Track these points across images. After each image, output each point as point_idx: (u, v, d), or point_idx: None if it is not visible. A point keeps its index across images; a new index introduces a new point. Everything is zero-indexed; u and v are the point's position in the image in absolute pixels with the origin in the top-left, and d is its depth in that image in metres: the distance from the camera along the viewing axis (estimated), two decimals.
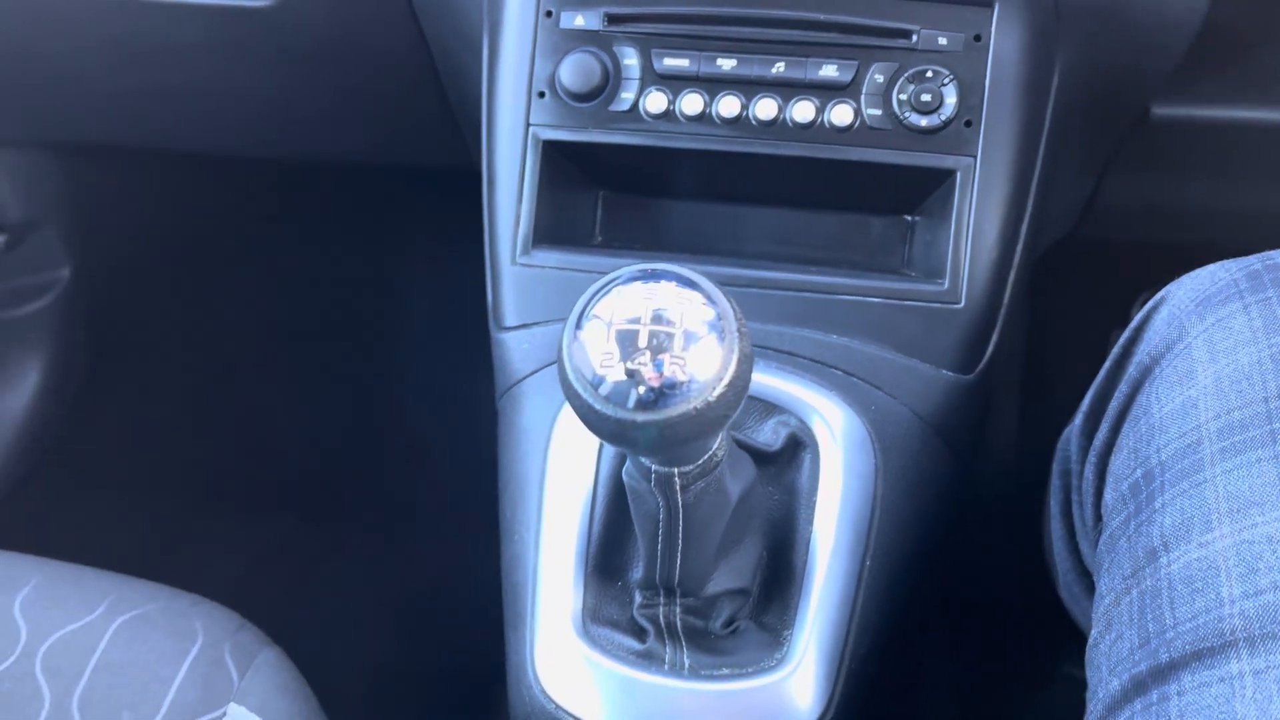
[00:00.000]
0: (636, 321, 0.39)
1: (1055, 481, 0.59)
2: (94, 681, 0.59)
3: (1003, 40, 0.62)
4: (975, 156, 0.63)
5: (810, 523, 0.59)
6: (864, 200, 0.69)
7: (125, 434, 1.34)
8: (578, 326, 0.41)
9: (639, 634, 0.57)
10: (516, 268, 0.67)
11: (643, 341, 0.39)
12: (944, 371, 0.64)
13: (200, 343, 1.38)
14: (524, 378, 0.67)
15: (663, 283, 0.41)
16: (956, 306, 0.63)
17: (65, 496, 1.25)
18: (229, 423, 1.36)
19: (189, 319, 1.39)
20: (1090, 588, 0.54)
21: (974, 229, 0.63)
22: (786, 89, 0.64)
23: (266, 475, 1.30)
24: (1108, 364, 0.53)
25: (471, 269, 0.76)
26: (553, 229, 0.70)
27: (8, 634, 0.61)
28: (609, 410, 0.39)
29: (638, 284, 0.41)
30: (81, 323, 1.36)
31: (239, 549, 1.15)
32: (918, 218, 0.69)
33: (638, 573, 0.56)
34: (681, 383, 0.39)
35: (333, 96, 1.04)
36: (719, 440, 0.47)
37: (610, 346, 0.39)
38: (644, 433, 0.39)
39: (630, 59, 0.65)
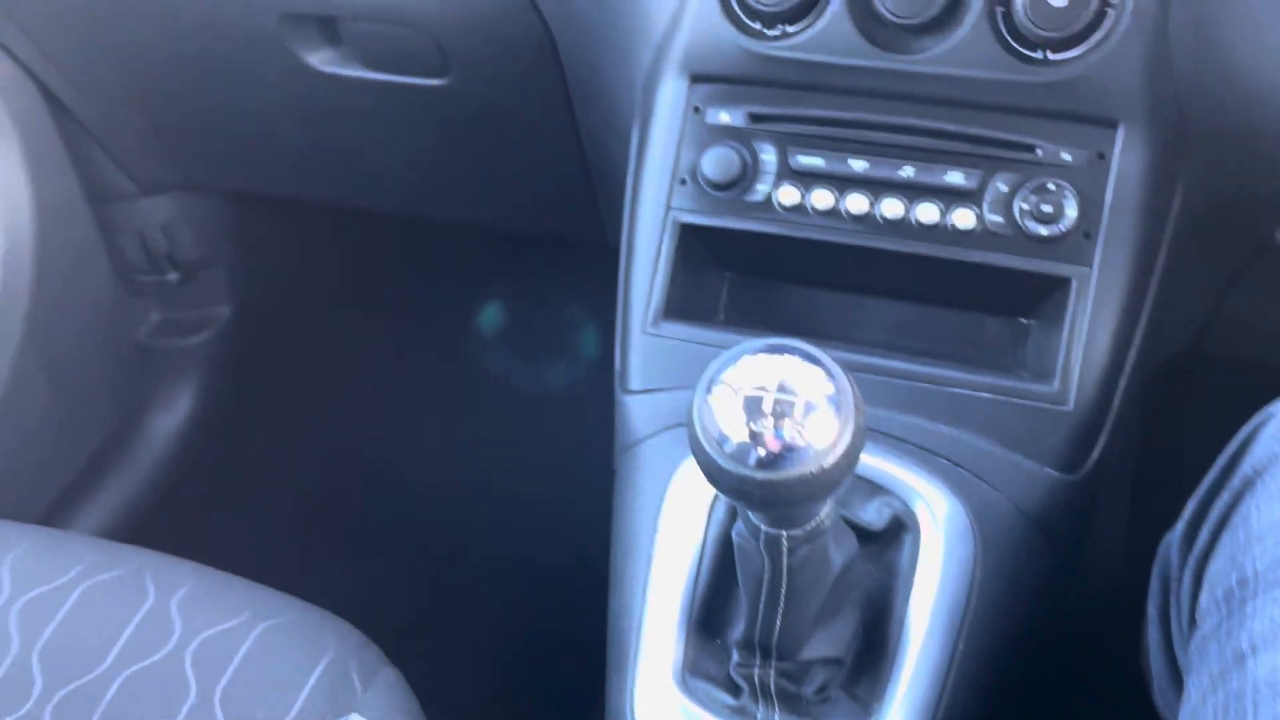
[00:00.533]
0: (762, 389, 0.44)
1: (1155, 585, 0.60)
2: (235, 680, 0.65)
3: (1126, 159, 0.65)
4: (1092, 267, 0.65)
5: (907, 602, 0.61)
6: (980, 300, 0.73)
7: (266, 461, 1.44)
8: (708, 390, 0.46)
9: (734, 691, 0.60)
10: (646, 337, 0.73)
11: (766, 408, 0.43)
12: (1049, 470, 0.66)
13: (338, 384, 1.48)
14: (644, 439, 0.71)
15: (787, 356, 0.46)
16: (1065, 409, 0.65)
17: (206, 512, 1.35)
18: (359, 460, 1.45)
19: (329, 361, 1.49)
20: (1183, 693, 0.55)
21: (1087, 336, 0.65)
22: (913, 190, 0.68)
23: (389, 510, 1.38)
24: (1213, 474, 0.54)
25: (591, 334, 0.82)
26: (681, 303, 0.75)
27: (163, 628, 0.68)
28: (731, 467, 0.44)
29: (765, 355, 0.45)
30: (235, 358, 1.47)
31: (360, 574, 1.21)
32: (1032, 320, 0.71)
33: (738, 631, 0.59)
34: (799, 448, 0.43)
35: (485, 165, 1.13)
36: (826, 508, 0.50)
37: (737, 410, 0.44)
38: (760, 490, 0.43)
39: (768, 154, 0.71)
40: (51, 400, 1.24)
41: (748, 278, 0.80)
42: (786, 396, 0.43)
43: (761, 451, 0.43)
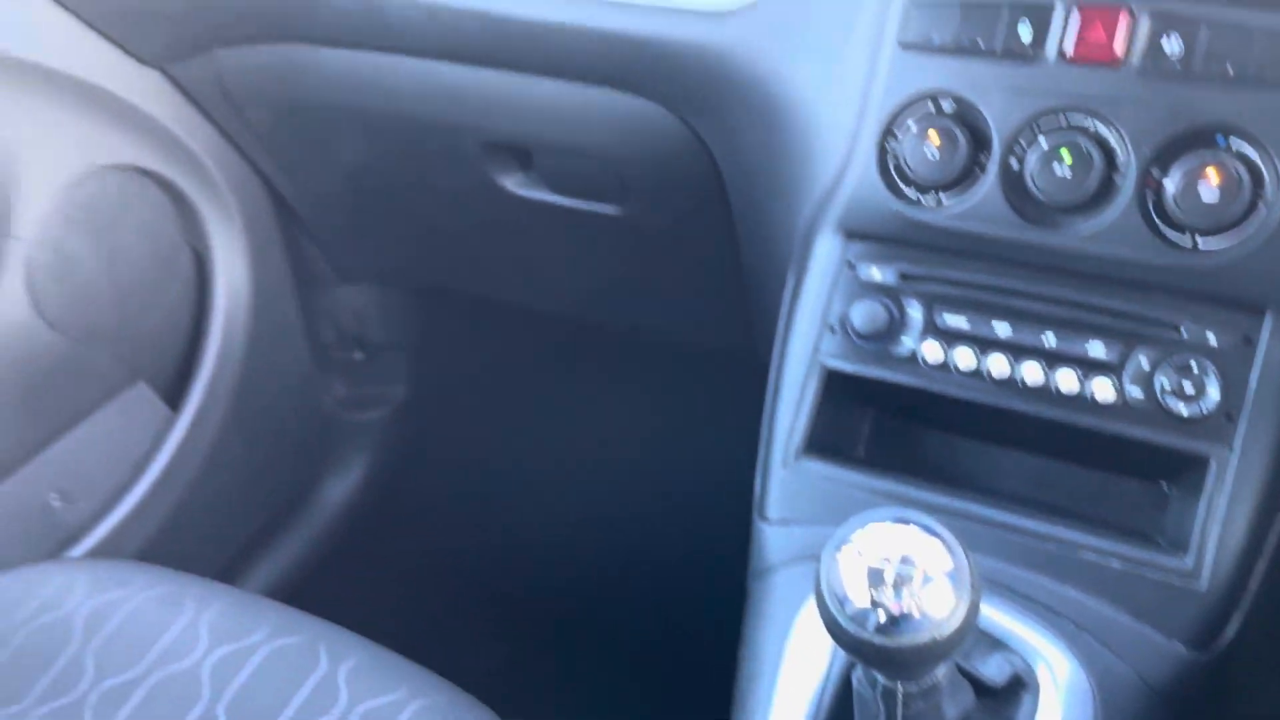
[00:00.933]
0: (886, 558, 0.48)
1: None
2: None
3: (1273, 346, 0.66)
4: (1233, 449, 0.66)
5: None
6: (1118, 464, 0.74)
7: (425, 534, 1.54)
8: (836, 550, 0.50)
9: None
10: (786, 470, 0.77)
11: (888, 576, 0.48)
12: (1178, 645, 0.66)
13: (497, 468, 1.57)
14: (777, 568, 0.76)
15: (911, 527, 0.50)
16: (1198, 585, 0.66)
17: (367, 577, 1.46)
18: (513, 542, 1.54)
19: (491, 446, 1.59)
20: None
21: (1225, 515, 0.66)
22: (1053, 358, 0.71)
23: (539, 593, 1.46)
24: None
25: (736, 456, 0.88)
26: (822, 440, 0.79)
27: (331, 695, 0.76)
28: (850, 627, 0.48)
29: (891, 525, 0.50)
30: (405, 435, 1.59)
31: (506, 654, 1.30)
32: (1171, 487, 0.72)
33: None
34: (915, 618, 0.47)
35: (650, 280, 1.22)
36: (943, 667, 0.54)
37: (860, 574, 0.48)
38: (876, 652, 0.47)
39: (915, 311, 0.75)
40: (245, 461, 1.38)
41: (889, 418, 0.84)
42: (907, 567, 0.47)
43: (880, 617, 0.47)
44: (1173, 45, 0.67)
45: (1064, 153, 0.69)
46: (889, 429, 0.85)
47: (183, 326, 1.29)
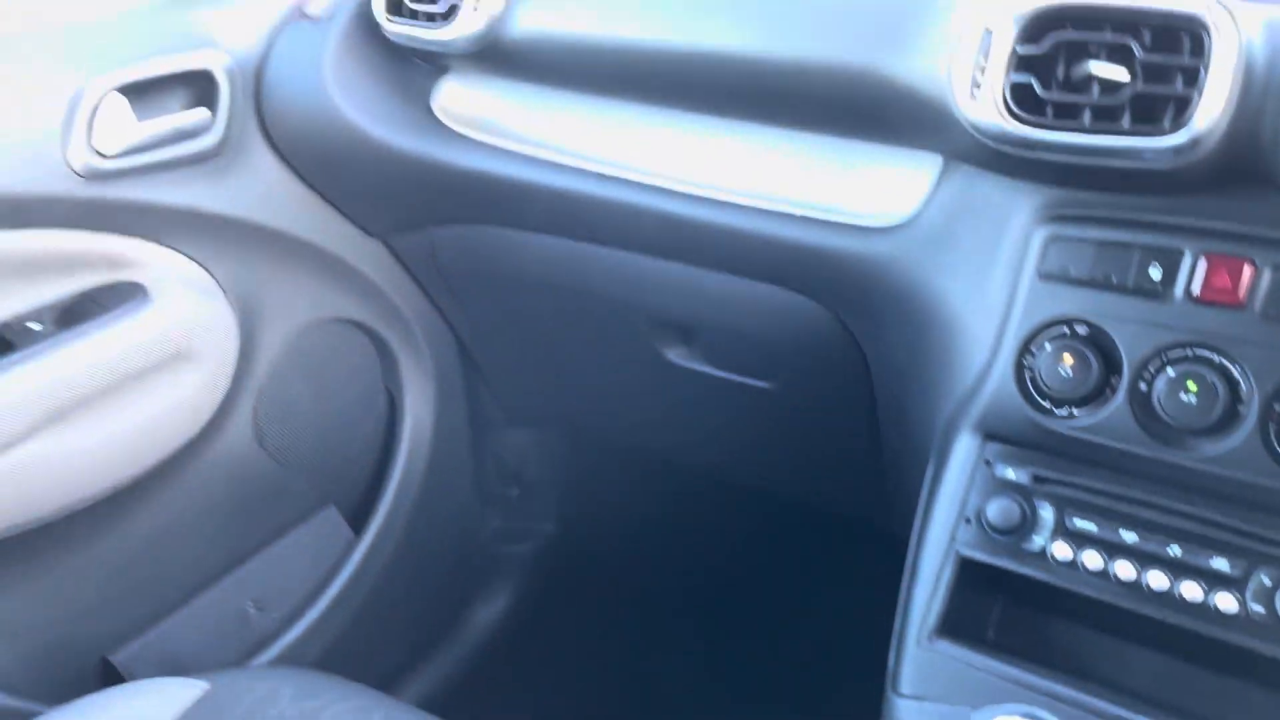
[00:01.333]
0: None
1: None
2: None
3: None
4: None
5: None
6: (1241, 673, 0.78)
7: (563, 666, 1.64)
8: None
9: None
10: (920, 649, 0.84)
11: None
12: None
13: (629, 606, 1.66)
14: None
15: None
16: None
17: (508, 691, 1.56)
18: (633, 671, 1.61)
19: (632, 588, 1.68)
20: None
21: None
22: (1178, 568, 0.77)
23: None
24: None
25: (863, 623, 0.94)
26: (956, 622, 0.86)
27: None
28: None
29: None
30: (550, 569, 1.71)
31: None
32: None
33: None
34: None
35: (794, 450, 1.31)
36: None
37: None
38: None
39: (1046, 512, 0.82)
40: (411, 582, 1.52)
41: (1018, 606, 0.90)
42: None
43: None
44: None
45: (1190, 383, 0.76)
46: (1018, 616, 0.91)
47: (372, 458, 1.46)
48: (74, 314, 1.10)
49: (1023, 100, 0.77)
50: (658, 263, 1.14)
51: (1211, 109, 0.71)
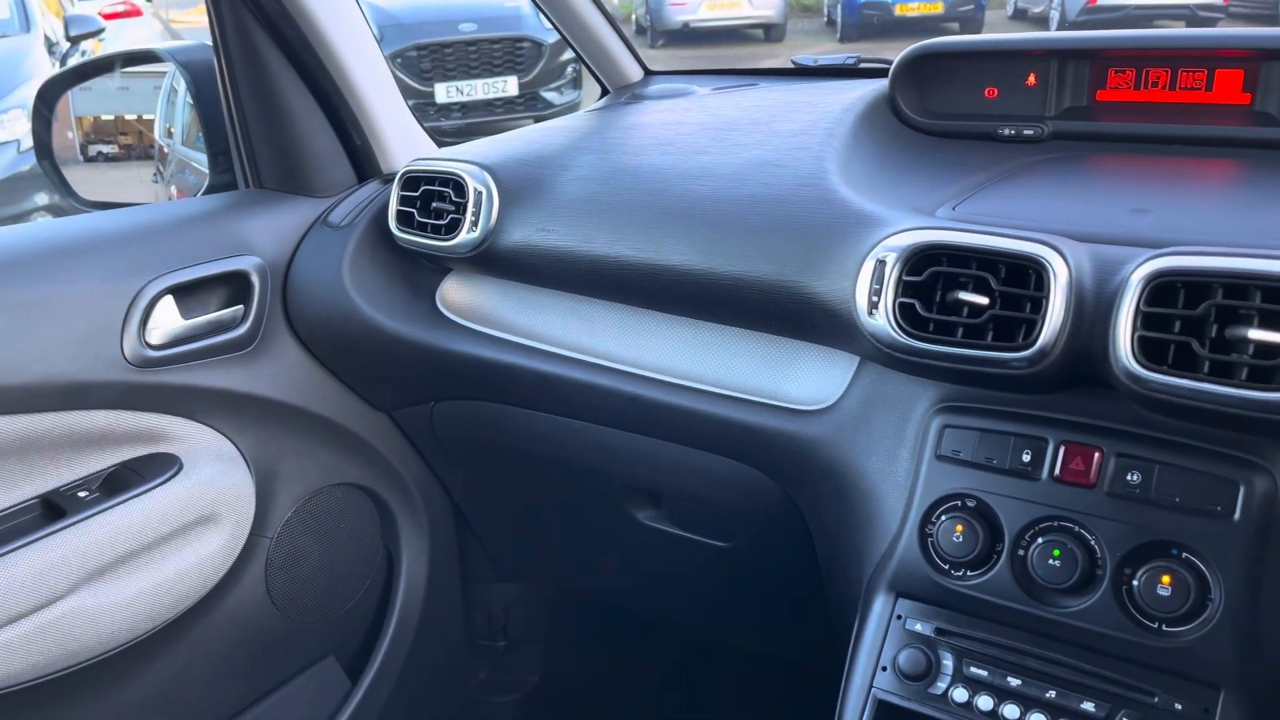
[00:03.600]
0: None
1: None
2: None
3: (1227, 716, 0.84)
4: None
5: None
6: None
7: None
8: None
9: None
10: None
11: None
12: None
13: None
14: None
15: None
16: None
17: None
18: None
19: None
20: None
21: None
22: (1055, 709, 0.90)
23: None
24: None
25: None
26: None
27: None
28: None
29: None
30: (534, 718, 1.80)
31: None
32: None
33: None
34: None
35: (752, 603, 1.44)
36: None
37: None
38: None
39: (947, 660, 0.96)
40: None
41: None
42: None
43: None
44: (1134, 477, 0.90)
45: (1055, 550, 0.91)
46: None
47: (369, 611, 1.58)
48: (115, 480, 1.26)
49: (910, 318, 0.96)
50: (628, 436, 1.31)
51: (1051, 329, 0.89)
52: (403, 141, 1.51)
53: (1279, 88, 1.15)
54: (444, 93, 6.92)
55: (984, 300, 0.92)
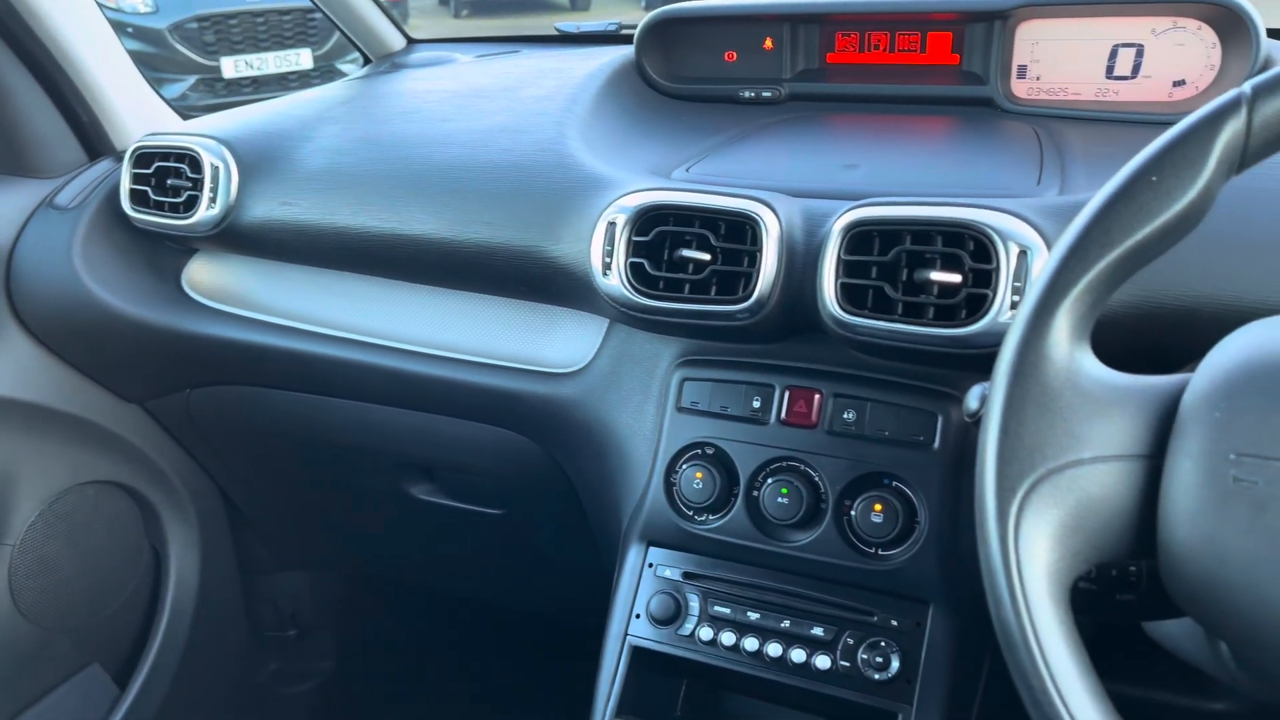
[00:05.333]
0: None
1: None
2: None
3: (935, 629, 0.92)
4: (912, 705, 0.90)
5: None
6: (837, 713, 0.98)
7: None
8: None
9: None
10: None
11: None
12: None
13: None
14: None
15: None
16: None
17: None
18: None
19: (410, 714, 1.77)
20: None
21: None
22: (789, 638, 0.96)
23: None
24: None
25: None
26: (640, 702, 1.02)
27: None
28: None
29: None
30: (332, 705, 1.77)
31: None
32: None
33: None
34: None
35: (529, 567, 1.46)
36: None
37: None
38: None
39: (694, 602, 1.00)
40: None
41: (698, 685, 1.07)
42: None
43: None
44: (849, 415, 0.97)
45: (784, 489, 0.97)
46: (698, 694, 1.08)
47: (137, 613, 1.51)
48: None
49: (641, 277, 0.99)
50: (394, 411, 1.29)
51: (766, 280, 0.93)
52: (138, 117, 1.43)
53: (983, 48, 1.25)
54: (232, 67, 6.55)
55: (706, 256, 0.96)
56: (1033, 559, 0.56)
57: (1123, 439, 0.57)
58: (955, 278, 0.86)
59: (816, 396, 0.98)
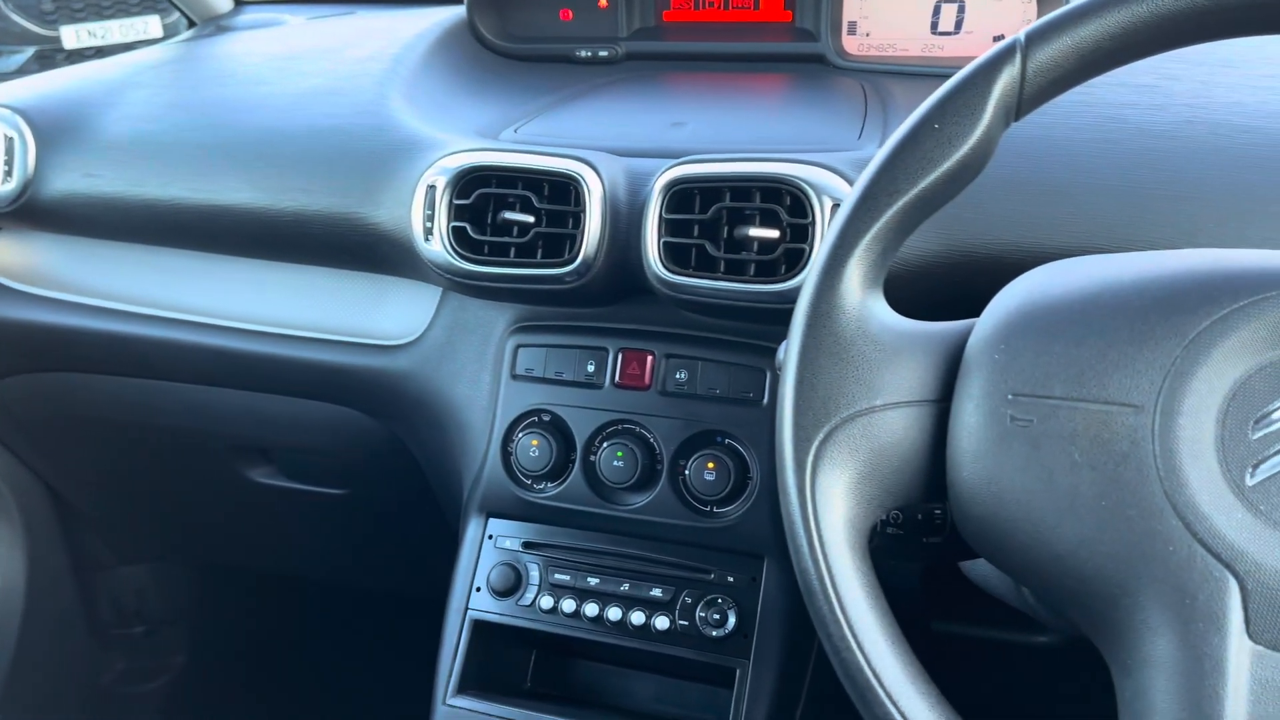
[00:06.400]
0: None
1: None
2: None
3: (770, 583, 0.93)
4: (750, 660, 0.91)
5: None
6: (690, 675, 0.98)
7: None
8: None
9: None
10: (445, 707, 0.97)
11: None
12: None
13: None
14: None
15: None
16: None
17: None
18: None
19: (267, 705, 1.71)
20: None
21: (749, 711, 0.90)
22: (629, 601, 0.95)
23: None
24: None
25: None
26: (484, 677, 1.00)
27: None
28: None
29: None
30: (187, 701, 1.70)
31: None
32: (721, 691, 0.96)
33: None
34: None
35: (374, 544, 1.43)
36: None
37: None
38: None
39: (535, 571, 0.99)
40: None
41: (549, 655, 1.06)
42: None
43: None
44: (682, 375, 0.96)
45: (619, 452, 0.96)
46: (549, 664, 1.07)
47: None
48: None
49: (464, 242, 0.96)
50: (223, 392, 1.23)
51: (590, 241, 0.91)
52: None
53: (814, 5, 1.25)
54: (74, 36, 6.14)
55: (530, 219, 0.94)
56: (830, 507, 0.56)
57: (913, 385, 0.58)
58: (773, 233, 0.86)
59: (649, 358, 0.97)
